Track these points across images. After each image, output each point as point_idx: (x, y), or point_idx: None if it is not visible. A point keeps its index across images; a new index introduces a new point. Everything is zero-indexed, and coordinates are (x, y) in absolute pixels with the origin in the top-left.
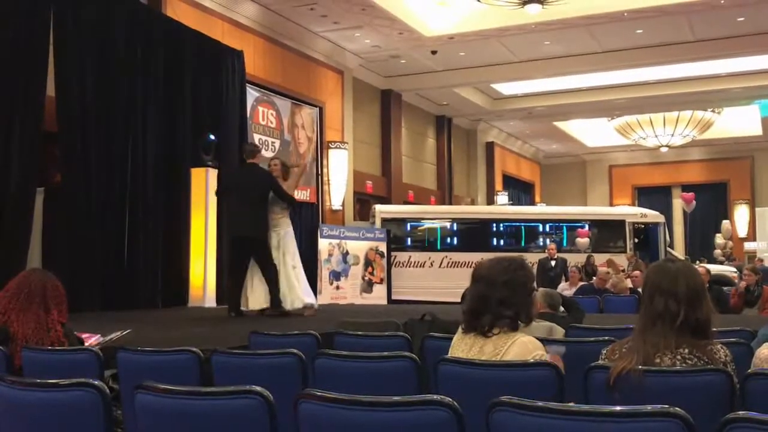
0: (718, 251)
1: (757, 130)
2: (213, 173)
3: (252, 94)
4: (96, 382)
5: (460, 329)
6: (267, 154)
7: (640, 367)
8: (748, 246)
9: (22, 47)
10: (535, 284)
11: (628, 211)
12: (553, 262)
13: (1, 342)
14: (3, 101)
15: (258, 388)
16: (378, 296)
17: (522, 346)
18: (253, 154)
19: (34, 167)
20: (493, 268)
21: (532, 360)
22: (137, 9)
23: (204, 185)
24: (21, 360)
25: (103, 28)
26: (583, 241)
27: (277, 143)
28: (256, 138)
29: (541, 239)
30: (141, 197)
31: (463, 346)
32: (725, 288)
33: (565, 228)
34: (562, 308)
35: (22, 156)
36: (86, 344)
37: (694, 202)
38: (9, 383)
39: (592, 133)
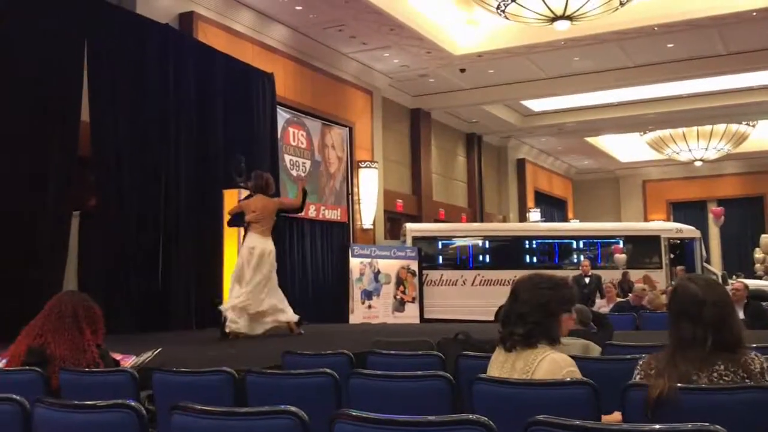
0: (758, 266)
1: None
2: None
3: (282, 115)
4: (133, 403)
5: (498, 348)
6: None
7: (678, 384)
8: None
9: (56, 74)
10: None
11: (664, 226)
12: (587, 279)
13: (39, 364)
14: (39, 127)
15: (293, 408)
16: (410, 315)
17: (553, 363)
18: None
19: (70, 191)
20: (541, 283)
21: (566, 378)
22: (169, 33)
23: None
24: (58, 381)
25: (135, 52)
26: (621, 257)
27: (308, 164)
28: (287, 159)
29: (574, 256)
30: (174, 220)
31: (497, 363)
32: (764, 303)
33: (599, 244)
34: (592, 323)
35: (58, 180)
36: (121, 365)
37: (723, 217)
38: (48, 405)
39: (625, 148)
